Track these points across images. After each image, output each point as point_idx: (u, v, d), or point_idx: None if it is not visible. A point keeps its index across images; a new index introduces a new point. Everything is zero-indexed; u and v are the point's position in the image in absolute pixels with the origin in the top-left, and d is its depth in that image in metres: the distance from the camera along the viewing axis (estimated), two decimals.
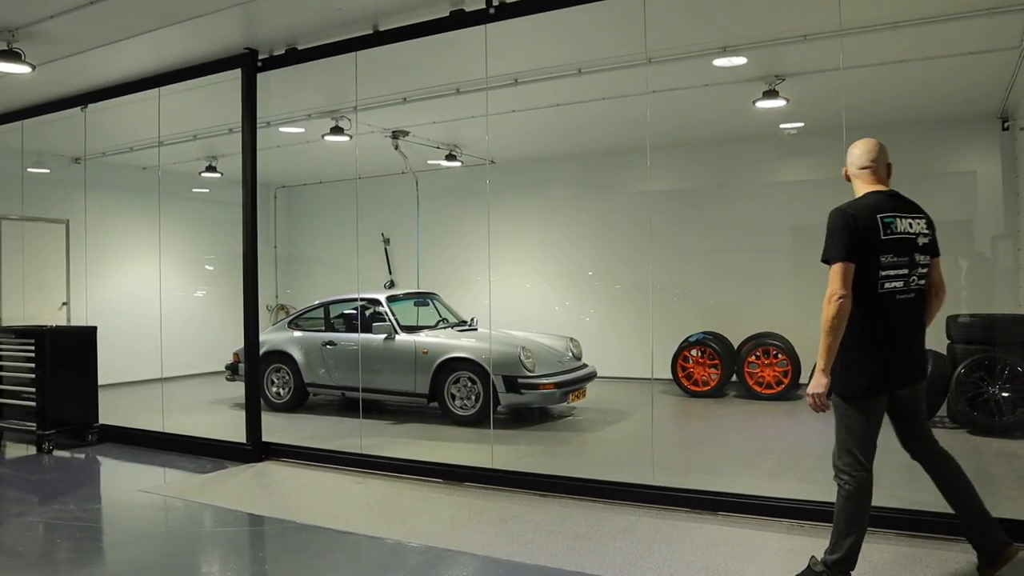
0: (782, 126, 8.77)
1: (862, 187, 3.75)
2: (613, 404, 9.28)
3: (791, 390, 9.31)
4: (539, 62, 7.19)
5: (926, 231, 3.73)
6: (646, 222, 11.56)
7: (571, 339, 9.12)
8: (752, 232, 10.84)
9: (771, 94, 7.51)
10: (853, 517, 3.61)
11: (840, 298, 3.49)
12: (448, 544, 4.58)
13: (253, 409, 6.99)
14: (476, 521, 5.03)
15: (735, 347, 9.96)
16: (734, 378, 9.84)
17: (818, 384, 3.59)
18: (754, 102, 7.78)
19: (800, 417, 8.49)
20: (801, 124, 8.93)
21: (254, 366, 7.25)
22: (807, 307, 10.36)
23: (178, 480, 6.40)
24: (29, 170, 10.46)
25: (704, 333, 10.06)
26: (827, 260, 3.58)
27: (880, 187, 3.73)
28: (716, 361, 9.80)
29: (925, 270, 3.72)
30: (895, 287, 3.62)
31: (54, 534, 4.94)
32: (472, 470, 5.99)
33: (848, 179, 3.84)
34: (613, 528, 4.81)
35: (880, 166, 3.76)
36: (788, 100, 7.68)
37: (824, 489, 5.11)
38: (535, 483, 5.68)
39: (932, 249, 3.76)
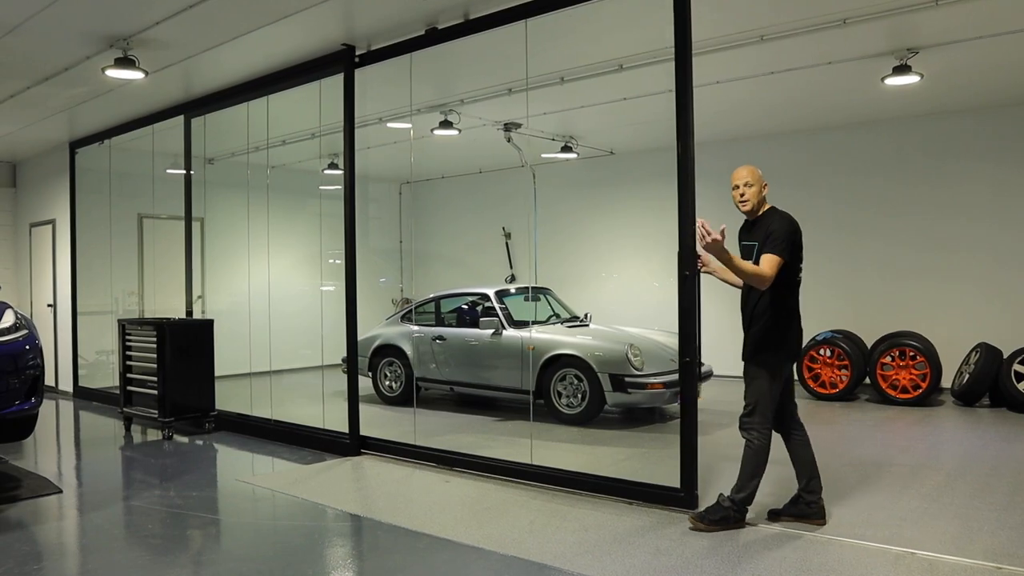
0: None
1: (767, 203, 4.68)
2: (731, 406, 8.68)
3: (929, 395, 8.45)
4: (640, 47, 6.85)
5: None
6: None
7: None
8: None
9: (902, 69, 6.79)
10: (759, 464, 4.56)
11: (770, 282, 4.39)
12: (519, 552, 4.38)
13: (353, 404, 7.08)
14: (555, 528, 4.81)
15: (868, 347, 9.18)
16: (867, 380, 9.07)
17: (719, 260, 4.47)
18: (883, 79, 7.09)
19: (937, 426, 7.68)
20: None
21: (354, 363, 7.34)
22: (949, 304, 9.50)
23: (276, 471, 6.55)
24: (168, 171, 11.09)
25: (833, 331, 9.31)
26: (774, 252, 4.38)
27: None
28: (846, 362, 9.05)
29: None
30: (800, 277, 4.62)
31: (144, 518, 5.13)
32: (560, 473, 5.76)
33: (749, 197, 4.63)
34: (699, 546, 4.46)
35: None
36: (922, 75, 6.93)
37: (948, 511, 4.57)
38: (623, 490, 5.37)
39: None
